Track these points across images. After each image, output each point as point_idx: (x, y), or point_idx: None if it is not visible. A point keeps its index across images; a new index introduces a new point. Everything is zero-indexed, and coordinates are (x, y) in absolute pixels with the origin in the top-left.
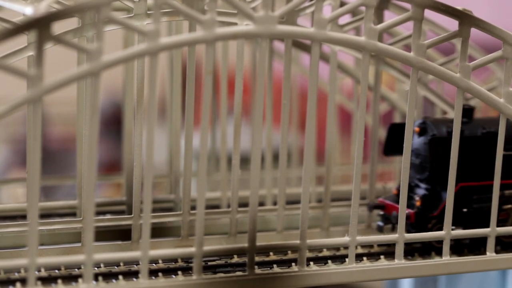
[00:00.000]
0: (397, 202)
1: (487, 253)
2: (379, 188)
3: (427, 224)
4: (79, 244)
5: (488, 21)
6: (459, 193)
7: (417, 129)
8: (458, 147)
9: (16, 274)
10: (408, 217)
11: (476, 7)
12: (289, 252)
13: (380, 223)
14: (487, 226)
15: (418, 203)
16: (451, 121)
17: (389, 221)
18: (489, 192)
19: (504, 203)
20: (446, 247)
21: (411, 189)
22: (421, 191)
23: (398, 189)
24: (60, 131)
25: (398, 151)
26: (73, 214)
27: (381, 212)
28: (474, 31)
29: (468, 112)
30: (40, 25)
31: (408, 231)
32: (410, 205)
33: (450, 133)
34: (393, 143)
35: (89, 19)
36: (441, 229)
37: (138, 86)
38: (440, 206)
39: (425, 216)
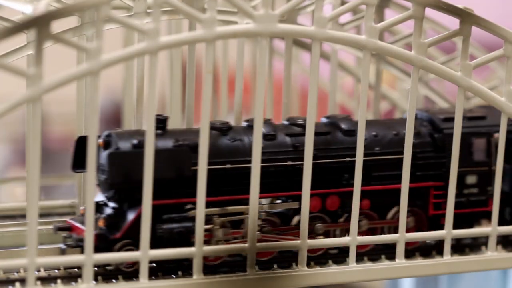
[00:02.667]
0: (84, 223)
1: (488, 252)
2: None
3: (113, 247)
4: None
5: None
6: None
7: (101, 142)
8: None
9: (16, 274)
10: None
11: (479, 5)
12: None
13: (63, 246)
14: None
15: (101, 224)
16: (140, 133)
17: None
18: (182, 211)
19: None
20: (447, 246)
21: (100, 208)
22: (107, 211)
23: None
24: (60, 131)
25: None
26: (73, 214)
27: (66, 234)
28: (475, 29)
29: (161, 122)
30: (39, 24)
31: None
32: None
33: (135, 147)
34: (80, 157)
35: (89, 18)
36: (131, 251)
37: (138, 85)
38: (124, 227)
39: (109, 238)
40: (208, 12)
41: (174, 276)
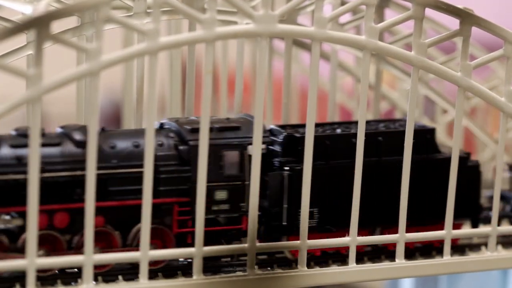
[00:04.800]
0: None
1: (488, 252)
2: None
3: None
4: None
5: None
6: None
7: None
8: None
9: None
10: None
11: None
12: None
13: None
14: None
15: None
16: None
17: None
18: None
19: None
20: (447, 247)
21: None
22: None
23: None
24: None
25: None
26: None
27: None
28: (475, 29)
29: None
30: (39, 24)
31: None
32: None
33: None
34: None
35: (89, 18)
36: None
37: (138, 85)
38: None
39: None
40: (208, 13)
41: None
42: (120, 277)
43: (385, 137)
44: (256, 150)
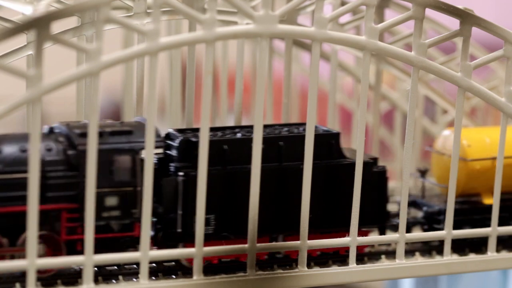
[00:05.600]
0: None
1: (488, 252)
2: None
3: None
4: None
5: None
6: None
7: None
8: None
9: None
10: None
11: (478, 5)
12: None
13: None
14: None
15: None
16: None
17: None
18: None
19: None
20: (447, 247)
21: None
22: None
23: None
24: None
25: None
26: None
27: None
28: (475, 29)
29: None
30: (39, 25)
31: None
32: None
33: None
34: None
35: (89, 18)
36: None
37: (138, 85)
38: None
39: None
40: (208, 13)
41: (174, 276)
42: (120, 277)
43: (286, 142)
44: (256, 150)
